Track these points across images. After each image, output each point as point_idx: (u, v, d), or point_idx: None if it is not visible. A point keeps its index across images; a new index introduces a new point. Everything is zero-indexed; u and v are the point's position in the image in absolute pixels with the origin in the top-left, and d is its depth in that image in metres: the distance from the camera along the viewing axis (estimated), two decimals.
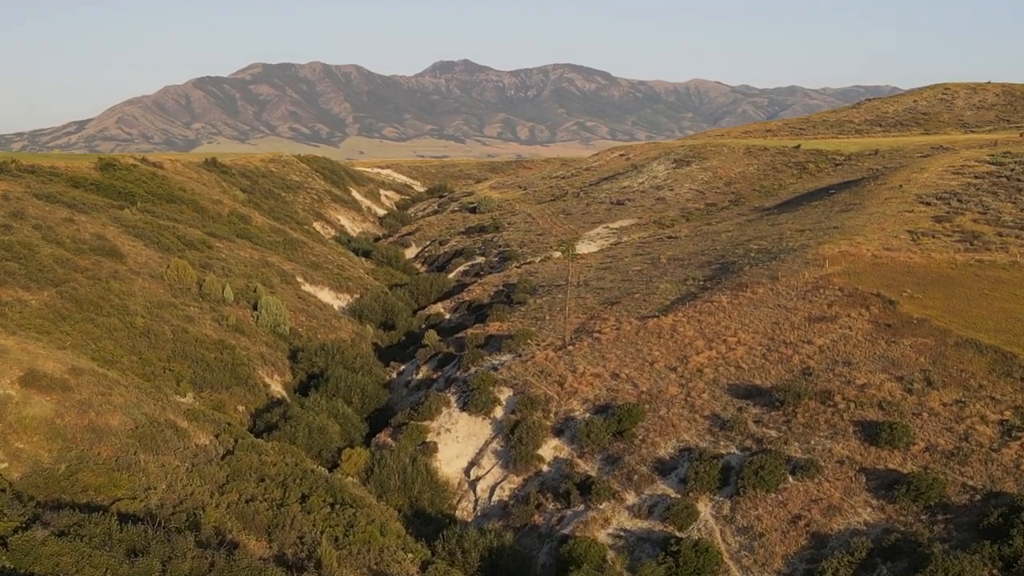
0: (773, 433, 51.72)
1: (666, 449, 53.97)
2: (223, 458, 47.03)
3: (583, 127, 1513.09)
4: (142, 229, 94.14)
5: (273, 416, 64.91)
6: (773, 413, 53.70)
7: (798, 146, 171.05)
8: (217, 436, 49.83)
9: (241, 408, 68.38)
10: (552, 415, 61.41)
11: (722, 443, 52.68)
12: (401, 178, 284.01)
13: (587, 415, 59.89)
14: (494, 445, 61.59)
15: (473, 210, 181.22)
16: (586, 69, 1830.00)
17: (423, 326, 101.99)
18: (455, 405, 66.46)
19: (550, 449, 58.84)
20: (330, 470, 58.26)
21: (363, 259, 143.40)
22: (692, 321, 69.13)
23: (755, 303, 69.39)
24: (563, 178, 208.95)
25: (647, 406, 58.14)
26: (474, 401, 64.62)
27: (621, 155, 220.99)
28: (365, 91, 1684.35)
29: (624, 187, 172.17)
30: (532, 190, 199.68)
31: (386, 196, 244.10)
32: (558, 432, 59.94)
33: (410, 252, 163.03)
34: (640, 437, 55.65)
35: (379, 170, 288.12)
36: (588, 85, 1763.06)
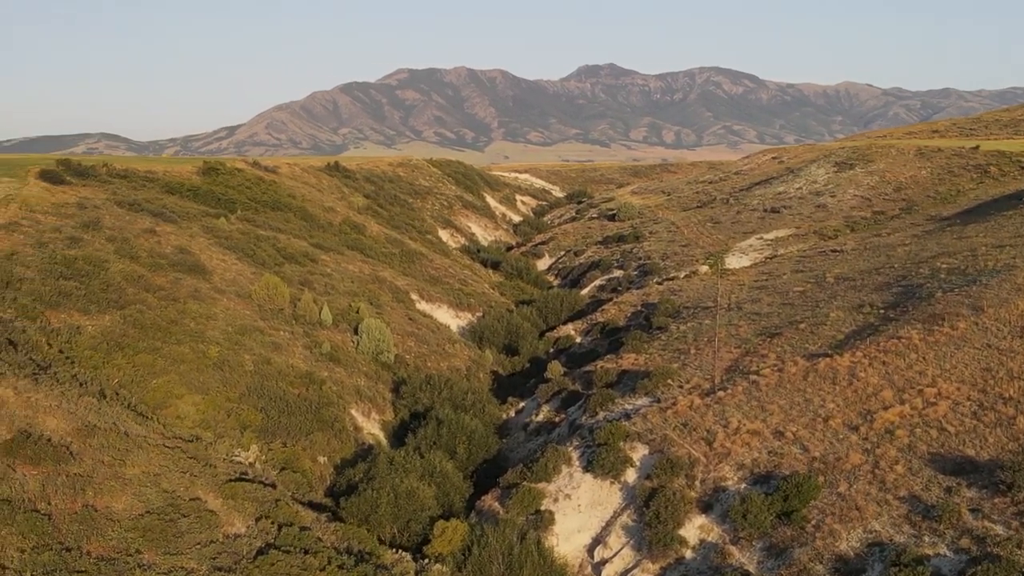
0: (999, 530, 37.85)
1: (849, 542, 40.48)
2: (256, 557, 35.33)
3: (730, 131, 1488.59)
4: (236, 241, 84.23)
5: (356, 473, 53.40)
6: (996, 500, 39.71)
7: (977, 147, 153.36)
8: (257, 520, 38.12)
9: (322, 459, 57.06)
10: (698, 483, 48.27)
11: (927, 539, 38.93)
12: (539, 183, 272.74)
13: (742, 486, 46.66)
14: (624, 518, 48.82)
15: (612, 217, 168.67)
16: (733, 72, 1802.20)
17: (550, 351, 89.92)
18: (577, 463, 53.72)
19: (695, 529, 45.82)
20: (418, 548, 46.75)
21: (490, 271, 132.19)
22: (875, 363, 55.02)
23: (956, 342, 54.98)
24: (710, 183, 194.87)
25: (821, 479, 44.62)
26: (600, 460, 51.77)
27: (774, 158, 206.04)
28: (510, 96, 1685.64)
29: (779, 193, 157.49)
30: (676, 196, 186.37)
31: (522, 202, 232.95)
32: (705, 507, 46.82)
33: (543, 263, 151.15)
34: (813, 522, 42.26)
35: (516, 175, 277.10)
36: (735, 88, 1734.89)
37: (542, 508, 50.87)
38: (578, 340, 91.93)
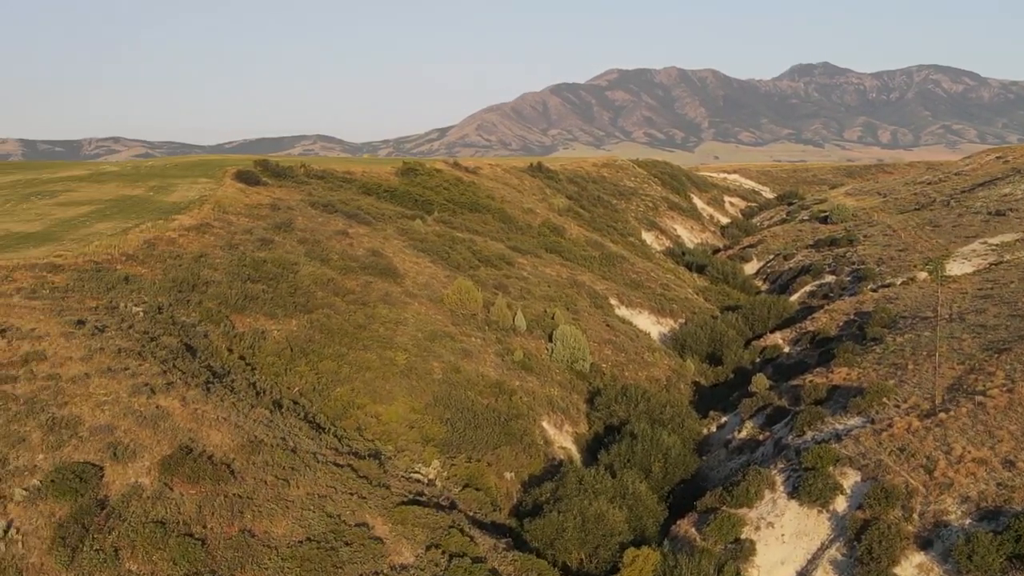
0: None
1: None
2: None
3: (949, 130, 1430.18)
4: (431, 243, 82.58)
5: (543, 492, 50.31)
6: None
7: None
8: (427, 549, 35.29)
9: (509, 475, 54.21)
10: (916, 516, 43.30)
11: None
12: (748, 183, 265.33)
13: (967, 522, 41.49)
14: (833, 552, 44.27)
15: (824, 220, 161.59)
16: (952, 69, 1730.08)
17: (756, 361, 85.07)
18: (781, 488, 49.37)
19: (912, 568, 40.90)
20: None
21: (695, 275, 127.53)
22: None
23: None
24: (929, 184, 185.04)
25: None
26: (807, 486, 47.31)
27: (998, 158, 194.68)
28: (721, 96, 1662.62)
29: (1005, 195, 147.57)
30: (893, 197, 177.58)
31: (730, 203, 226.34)
32: (924, 543, 41.83)
33: (750, 267, 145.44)
34: None
35: (724, 175, 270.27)
36: (954, 86, 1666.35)
37: (742, 537, 46.95)
38: (786, 350, 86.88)
